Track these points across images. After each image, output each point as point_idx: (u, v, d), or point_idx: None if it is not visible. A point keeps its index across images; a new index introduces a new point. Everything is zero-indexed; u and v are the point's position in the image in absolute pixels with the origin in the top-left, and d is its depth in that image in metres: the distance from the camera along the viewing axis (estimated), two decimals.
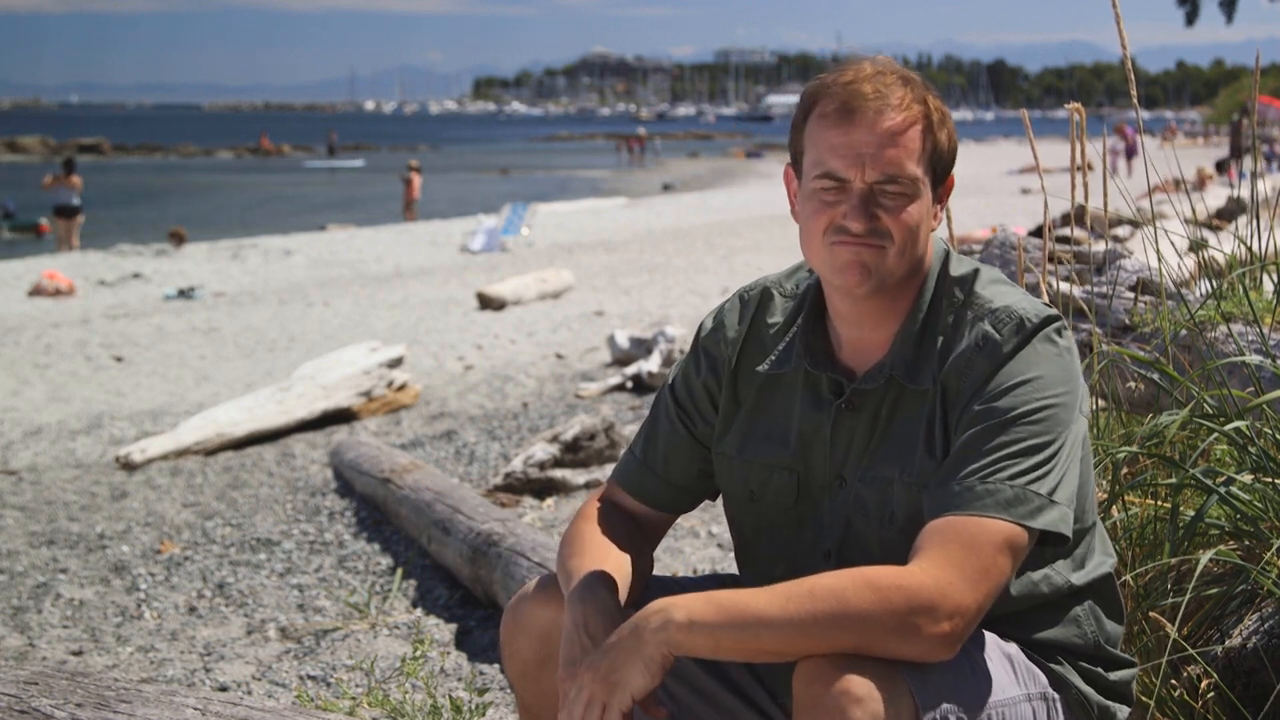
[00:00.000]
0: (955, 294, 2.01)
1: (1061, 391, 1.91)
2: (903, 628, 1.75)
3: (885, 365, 2.00)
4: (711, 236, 22.30)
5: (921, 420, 1.96)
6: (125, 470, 7.36)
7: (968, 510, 1.83)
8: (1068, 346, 1.96)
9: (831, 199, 1.95)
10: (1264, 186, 3.81)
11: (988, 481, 1.84)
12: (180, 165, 62.77)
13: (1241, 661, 2.53)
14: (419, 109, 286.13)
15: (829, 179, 1.94)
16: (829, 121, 1.94)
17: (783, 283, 2.17)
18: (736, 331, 2.16)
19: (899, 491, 1.97)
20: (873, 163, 1.92)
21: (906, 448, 1.97)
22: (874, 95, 1.92)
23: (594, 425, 6.25)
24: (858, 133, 1.92)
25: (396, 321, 13.66)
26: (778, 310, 2.14)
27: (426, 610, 4.51)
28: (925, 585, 1.76)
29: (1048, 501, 1.85)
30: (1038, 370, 1.91)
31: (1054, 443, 1.87)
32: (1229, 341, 3.16)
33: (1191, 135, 65.63)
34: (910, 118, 1.93)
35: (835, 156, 1.93)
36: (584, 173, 54.07)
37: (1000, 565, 1.81)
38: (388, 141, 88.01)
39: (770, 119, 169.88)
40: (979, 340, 1.94)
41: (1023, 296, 1.99)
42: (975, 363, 1.93)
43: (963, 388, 1.93)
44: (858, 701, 1.73)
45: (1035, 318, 1.94)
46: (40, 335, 13.10)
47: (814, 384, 2.06)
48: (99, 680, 2.46)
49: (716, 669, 2.17)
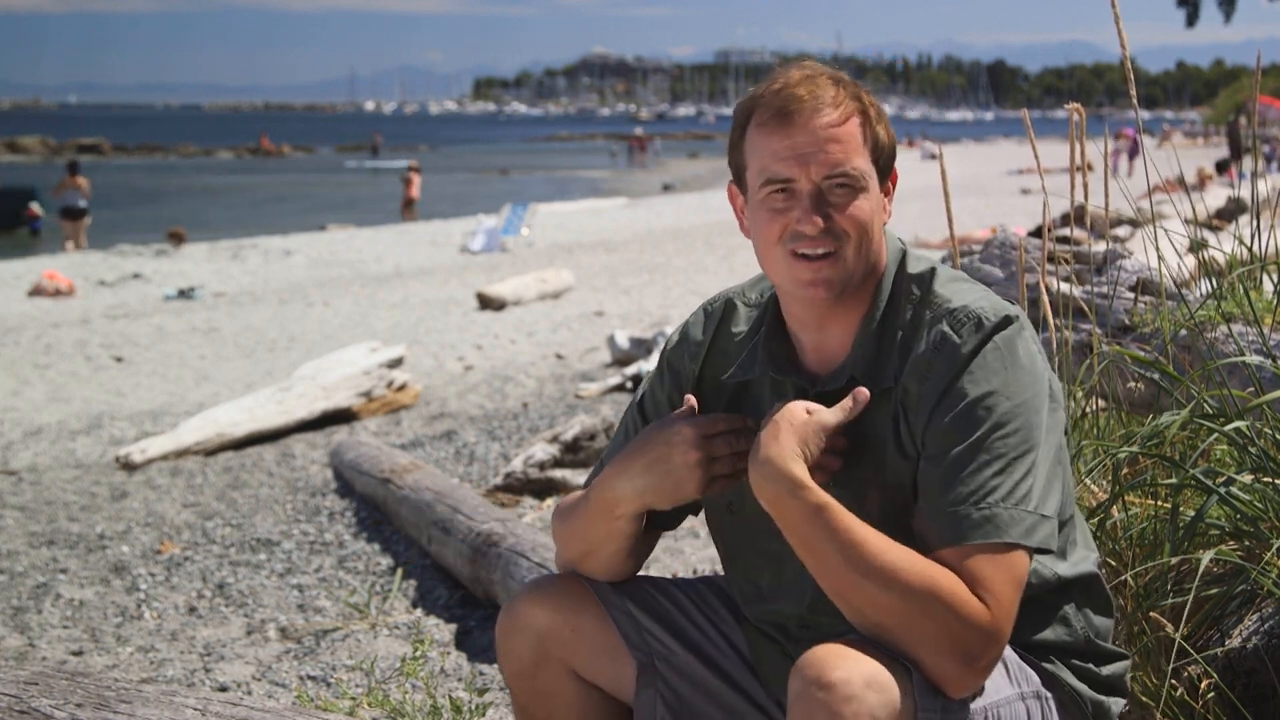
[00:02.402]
0: (913, 292, 2.00)
1: (1029, 396, 1.90)
2: (962, 641, 1.78)
3: (846, 367, 2.00)
4: (711, 236, 22.30)
5: (888, 419, 1.96)
6: (125, 470, 7.35)
7: (973, 539, 1.82)
8: (1029, 342, 1.95)
9: (781, 205, 1.95)
10: (1264, 186, 3.81)
11: (981, 507, 1.83)
12: (180, 165, 62.80)
13: (1241, 661, 2.53)
14: (419, 109, 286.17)
15: (775, 183, 1.94)
16: (768, 129, 1.95)
17: (746, 293, 2.17)
18: (699, 344, 2.16)
19: (875, 493, 1.97)
20: (817, 161, 1.92)
21: (877, 448, 1.97)
22: (809, 97, 1.93)
23: (594, 425, 6.25)
24: (798, 134, 1.93)
25: (396, 321, 13.67)
26: (742, 320, 2.14)
27: (426, 610, 4.51)
28: (997, 626, 1.80)
29: (1039, 519, 1.86)
30: (1001, 378, 1.89)
31: (1030, 452, 1.87)
32: (1229, 341, 3.16)
33: (1191, 135, 65.63)
34: (846, 113, 1.94)
35: (778, 161, 1.94)
36: (584, 173, 54.10)
37: (1019, 595, 1.84)
38: (388, 141, 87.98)
39: None
40: (937, 342, 1.93)
41: (981, 295, 1.98)
42: (934, 365, 1.92)
43: (924, 391, 1.92)
44: (851, 698, 1.73)
45: (993, 316, 1.92)
46: (40, 335, 13.11)
47: (780, 390, 2.06)
48: (99, 680, 2.46)
49: (716, 664, 2.17)
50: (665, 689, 2.14)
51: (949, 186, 3.17)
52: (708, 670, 2.16)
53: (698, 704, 2.16)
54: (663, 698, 2.14)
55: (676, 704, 2.14)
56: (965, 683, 1.80)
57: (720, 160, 62.76)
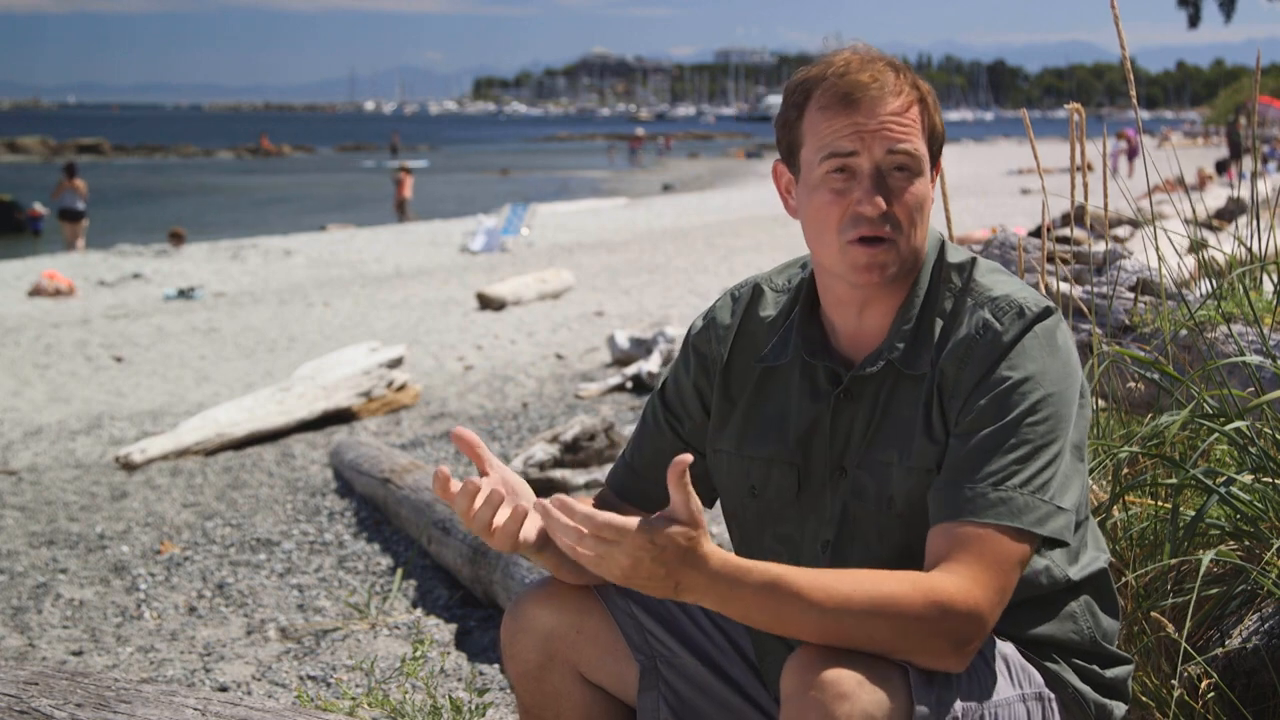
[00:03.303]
0: (954, 280, 2.02)
1: (1063, 387, 1.91)
2: (935, 634, 1.77)
3: (883, 351, 2.00)
4: (711, 236, 22.30)
5: (919, 404, 1.96)
6: (125, 470, 7.35)
7: (984, 518, 1.83)
8: (1066, 335, 1.97)
9: (841, 184, 1.95)
10: (1264, 186, 3.81)
11: (1001, 488, 1.84)
12: (180, 165, 62.75)
13: (1241, 661, 2.53)
14: (419, 109, 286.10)
15: (837, 157, 1.94)
16: (831, 111, 1.95)
17: (773, 279, 2.17)
18: (727, 327, 2.15)
19: (898, 476, 1.97)
20: (880, 138, 1.93)
21: (905, 432, 1.97)
22: (873, 82, 1.94)
23: (594, 425, 6.24)
24: (862, 117, 1.93)
25: (396, 322, 13.67)
26: (769, 304, 2.14)
27: (426, 610, 4.51)
28: (963, 601, 1.78)
29: (1055, 509, 1.86)
30: (1039, 365, 1.91)
31: (1056, 442, 1.88)
32: (1229, 341, 3.16)
33: (1191, 135, 65.61)
34: (909, 100, 1.96)
35: (842, 137, 1.94)
36: (584, 173, 54.07)
37: (1014, 581, 1.84)
38: (387, 141, 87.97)
39: (770, 119, 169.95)
40: (979, 328, 1.95)
41: (1021, 286, 2.00)
42: (975, 350, 1.93)
43: (962, 376, 1.93)
44: (844, 697, 1.73)
45: (1035, 306, 1.95)
46: (40, 335, 13.11)
47: (811, 375, 2.06)
48: (99, 680, 2.46)
49: (717, 666, 2.17)
50: (668, 691, 2.14)
51: (947, 187, 3.17)
52: (710, 673, 2.16)
53: (700, 706, 2.15)
54: (665, 700, 2.14)
55: (679, 706, 2.14)
56: (953, 662, 1.81)
57: (719, 160, 63.02)
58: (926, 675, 1.81)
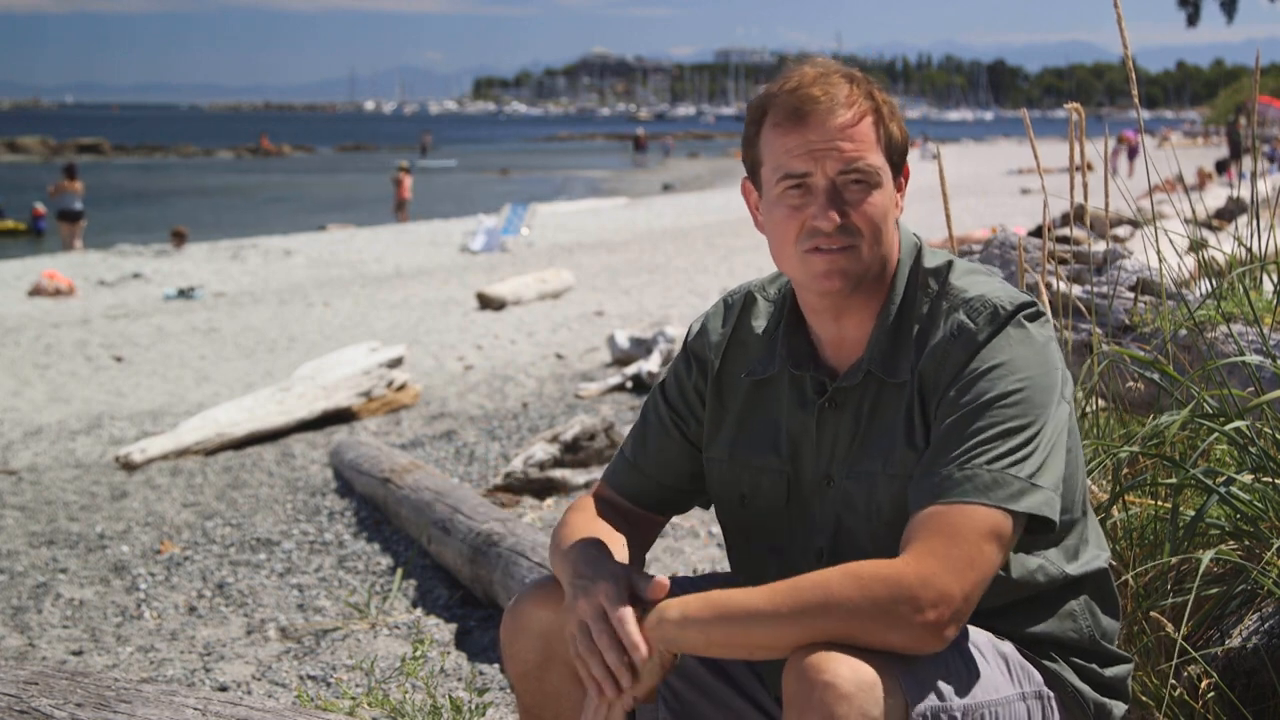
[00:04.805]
0: (930, 285, 2.02)
1: (1037, 374, 1.91)
2: (886, 616, 1.76)
3: (863, 361, 2.01)
4: (711, 236, 22.30)
5: (901, 412, 1.97)
6: (125, 470, 7.35)
7: (949, 498, 1.84)
8: (1044, 332, 1.97)
9: (797, 200, 1.97)
10: (1264, 186, 3.81)
11: (966, 468, 1.85)
12: (180, 165, 62.73)
13: (1241, 661, 2.53)
14: (419, 109, 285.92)
15: (791, 178, 1.96)
16: (783, 129, 1.97)
17: (766, 287, 2.18)
18: (720, 335, 2.17)
19: (883, 485, 1.97)
20: (832, 158, 1.94)
21: (889, 441, 1.98)
22: (824, 96, 1.95)
23: (594, 425, 6.25)
24: (813, 133, 1.94)
25: (396, 322, 13.67)
26: (761, 314, 2.15)
27: (426, 610, 4.51)
28: (906, 575, 1.77)
29: (1029, 485, 1.85)
30: (1009, 354, 1.91)
31: (1031, 425, 1.88)
32: (1229, 341, 3.16)
33: (1191, 135, 65.60)
34: (861, 111, 1.97)
35: (794, 157, 1.95)
36: (584, 173, 54.06)
37: (986, 553, 1.81)
38: (388, 141, 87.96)
39: None
40: (954, 330, 1.95)
41: (998, 285, 2.00)
42: (951, 352, 1.94)
43: (939, 378, 1.94)
44: (844, 697, 1.73)
45: (1009, 305, 1.95)
46: (40, 335, 13.11)
47: (799, 385, 2.07)
48: (99, 680, 2.46)
49: (719, 667, 2.17)
50: (667, 692, 2.14)
51: (948, 187, 3.17)
52: (710, 673, 2.16)
53: (701, 707, 2.15)
54: (664, 701, 2.14)
55: (679, 707, 2.14)
56: (920, 641, 1.78)
57: (720, 160, 62.97)
58: (926, 675, 1.81)
